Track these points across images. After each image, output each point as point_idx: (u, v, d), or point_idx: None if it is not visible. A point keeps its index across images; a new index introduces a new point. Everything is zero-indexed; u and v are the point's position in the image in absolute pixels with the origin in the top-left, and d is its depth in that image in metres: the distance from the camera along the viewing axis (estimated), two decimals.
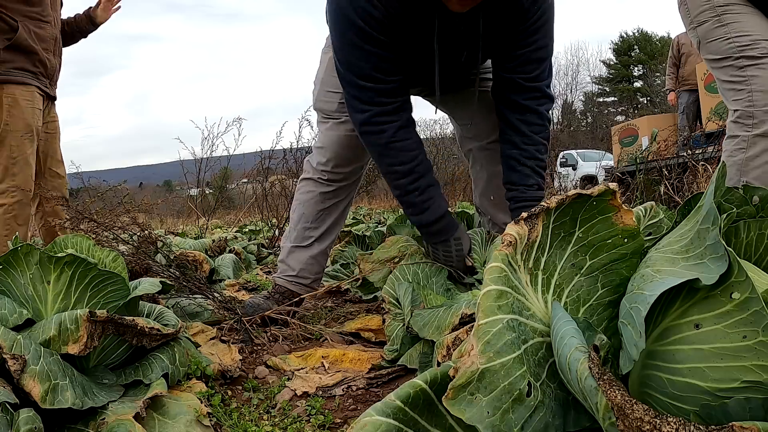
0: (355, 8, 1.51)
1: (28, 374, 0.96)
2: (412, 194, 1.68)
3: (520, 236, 0.70)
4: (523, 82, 1.70)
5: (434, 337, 1.27)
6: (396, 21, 1.53)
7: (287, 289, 2.02)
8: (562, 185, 8.72)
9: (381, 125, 1.62)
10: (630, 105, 35.02)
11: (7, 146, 2.31)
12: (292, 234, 2.07)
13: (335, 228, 2.08)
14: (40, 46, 2.40)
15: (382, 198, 12.81)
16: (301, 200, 2.05)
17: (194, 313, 1.91)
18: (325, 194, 2.01)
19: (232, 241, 4.51)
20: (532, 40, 1.65)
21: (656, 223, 1.12)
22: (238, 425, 1.17)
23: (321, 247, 2.05)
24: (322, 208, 2.02)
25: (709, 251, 0.62)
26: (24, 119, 2.34)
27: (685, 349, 0.61)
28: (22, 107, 2.33)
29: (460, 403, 0.60)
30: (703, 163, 3.74)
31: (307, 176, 2.06)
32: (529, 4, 1.59)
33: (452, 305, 1.31)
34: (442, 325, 1.26)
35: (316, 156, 2.03)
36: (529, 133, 1.72)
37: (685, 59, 6.81)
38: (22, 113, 2.33)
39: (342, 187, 2.02)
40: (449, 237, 1.73)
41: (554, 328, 0.66)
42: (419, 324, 1.33)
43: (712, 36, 1.86)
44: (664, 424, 0.50)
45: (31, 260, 1.20)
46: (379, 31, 1.53)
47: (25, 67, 2.36)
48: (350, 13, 1.52)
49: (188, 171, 8.70)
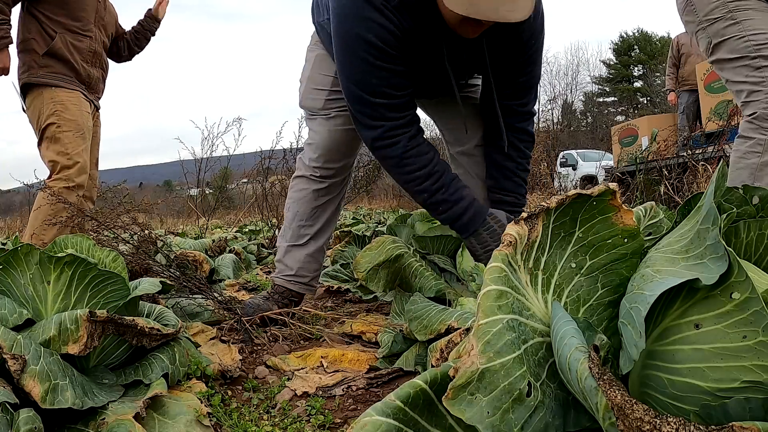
0: (367, 26, 1.53)
1: (28, 374, 0.96)
2: (439, 192, 1.68)
3: (520, 236, 0.70)
4: (518, 108, 1.87)
5: (420, 335, 1.29)
6: (407, 36, 1.57)
7: (286, 288, 2.01)
8: (562, 185, 8.72)
9: (394, 138, 1.65)
10: (630, 105, 35.03)
11: (61, 143, 2.46)
12: (287, 233, 2.06)
13: (330, 225, 2.09)
14: (78, 57, 2.58)
15: (382, 198, 12.81)
16: (295, 198, 2.05)
17: (194, 313, 1.91)
18: (318, 191, 2.01)
19: (232, 241, 4.51)
20: (528, 70, 1.80)
21: (656, 223, 1.12)
22: (238, 425, 1.17)
23: (317, 245, 2.04)
24: (316, 205, 2.02)
25: (709, 251, 0.62)
26: (74, 120, 2.50)
27: (685, 349, 0.61)
28: (70, 109, 2.51)
29: (460, 403, 0.60)
30: (703, 163, 3.74)
31: (299, 174, 2.06)
32: (527, 38, 1.70)
33: (446, 309, 1.31)
34: (429, 325, 1.28)
35: (306, 153, 2.04)
36: (524, 149, 1.91)
37: (685, 59, 6.80)
38: (72, 114, 2.50)
39: (334, 183, 2.03)
40: (485, 217, 1.71)
41: (554, 328, 0.66)
42: (411, 314, 1.36)
43: (724, 35, 1.81)
44: (664, 424, 0.50)
45: (31, 260, 1.20)
46: (391, 46, 1.55)
47: (63, 72, 2.54)
48: (362, 31, 1.53)
49: (188, 171, 8.71)
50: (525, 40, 1.70)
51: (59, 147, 2.45)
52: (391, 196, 11.53)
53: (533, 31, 1.70)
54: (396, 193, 10.40)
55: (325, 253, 2.14)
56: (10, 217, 12.91)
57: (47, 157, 2.48)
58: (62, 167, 2.44)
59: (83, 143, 2.52)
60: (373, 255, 2.02)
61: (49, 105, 2.47)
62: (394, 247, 2.02)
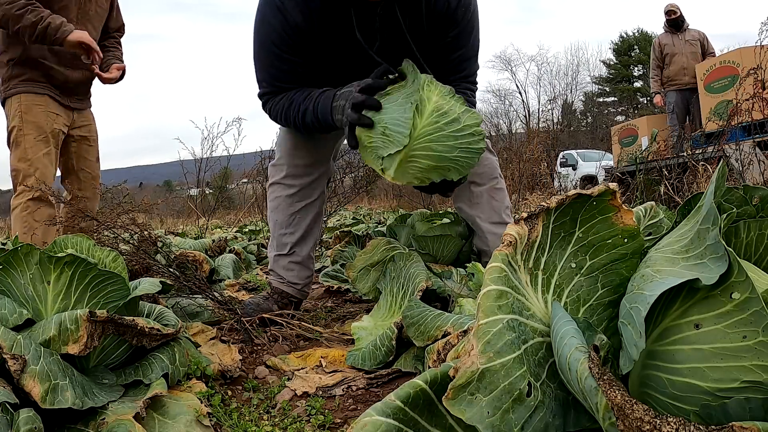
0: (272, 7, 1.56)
1: (28, 374, 0.96)
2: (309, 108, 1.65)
3: (520, 236, 0.70)
4: (460, 81, 1.78)
5: (418, 341, 1.29)
6: (315, 18, 1.57)
7: (282, 290, 2.03)
8: (562, 185, 8.72)
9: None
10: (630, 105, 35.01)
11: (21, 148, 2.45)
12: (273, 242, 2.08)
13: (312, 232, 2.05)
14: (55, 60, 2.53)
15: (382, 198, 12.81)
16: (272, 207, 2.06)
17: (194, 313, 1.91)
18: (291, 196, 2.00)
19: (232, 241, 4.51)
20: (463, 43, 1.73)
21: (656, 223, 1.12)
22: (238, 425, 1.17)
23: (302, 254, 2.03)
24: (292, 211, 2.00)
25: (709, 251, 0.62)
26: (36, 123, 2.48)
27: (685, 349, 0.61)
28: (34, 112, 2.48)
29: (460, 403, 0.60)
30: (703, 163, 3.74)
31: (271, 181, 2.07)
32: (455, 5, 1.63)
33: (442, 314, 1.31)
34: (426, 331, 1.28)
35: (275, 155, 2.08)
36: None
37: (670, 59, 6.74)
38: (35, 117, 2.48)
39: (306, 186, 2.00)
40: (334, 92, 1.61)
41: (554, 328, 0.66)
42: (408, 320, 1.36)
43: None
44: (664, 424, 0.50)
45: (31, 260, 1.20)
46: (295, 34, 1.58)
47: (33, 78, 2.50)
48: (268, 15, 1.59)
49: (188, 171, 8.71)
50: (453, 7, 1.63)
51: (20, 152, 2.44)
52: (391, 196, 11.52)
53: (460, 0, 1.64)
54: (396, 193, 10.40)
55: (314, 257, 2.13)
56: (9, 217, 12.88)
57: (11, 164, 2.48)
58: (24, 176, 2.43)
59: (45, 147, 2.48)
60: (367, 257, 2.03)
61: (15, 110, 2.46)
62: (389, 248, 2.02)
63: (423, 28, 1.65)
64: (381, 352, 1.44)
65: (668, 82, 6.82)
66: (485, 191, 2.07)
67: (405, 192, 9.14)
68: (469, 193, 2.08)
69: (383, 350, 1.44)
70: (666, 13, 6.79)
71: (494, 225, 2.08)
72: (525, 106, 32.54)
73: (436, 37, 1.68)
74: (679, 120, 6.77)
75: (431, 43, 1.69)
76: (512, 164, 7.46)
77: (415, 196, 7.52)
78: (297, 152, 1.97)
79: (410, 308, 1.40)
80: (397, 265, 1.84)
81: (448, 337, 1.05)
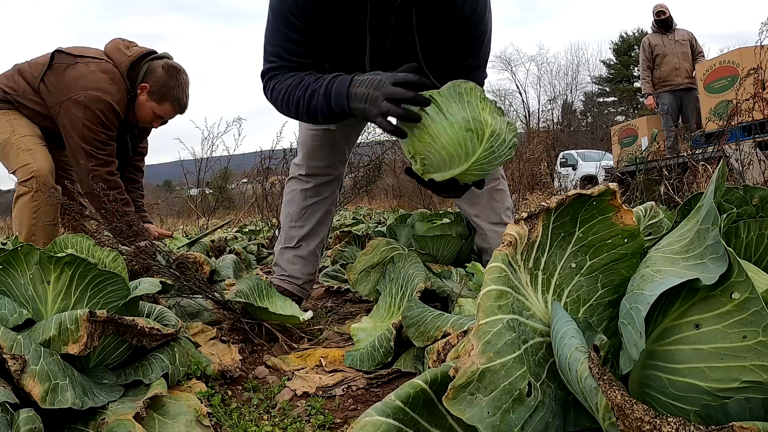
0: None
1: (28, 374, 0.96)
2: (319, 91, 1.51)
3: (520, 236, 0.70)
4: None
5: (418, 342, 1.29)
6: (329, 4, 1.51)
7: (284, 288, 2.04)
8: (562, 185, 8.73)
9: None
10: (630, 105, 34.99)
11: (14, 145, 2.50)
12: (282, 236, 2.15)
13: (320, 229, 2.12)
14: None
15: (382, 198, 12.81)
16: (286, 200, 2.15)
17: (194, 313, 1.91)
18: (305, 191, 2.08)
19: (232, 242, 4.51)
20: (474, 52, 1.70)
21: (656, 223, 1.12)
22: (238, 425, 1.16)
23: (308, 248, 2.09)
24: (305, 205, 2.08)
25: (709, 251, 0.62)
26: (28, 126, 2.54)
27: (685, 349, 0.61)
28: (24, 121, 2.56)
29: (460, 403, 0.60)
30: (703, 163, 3.74)
31: (290, 176, 2.16)
32: (468, 12, 1.59)
33: (442, 315, 1.31)
34: (426, 332, 1.28)
35: (297, 155, 2.16)
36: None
37: (661, 59, 6.68)
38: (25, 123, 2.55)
39: (321, 184, 2.08)
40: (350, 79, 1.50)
41: (554, 328, 0.66)
42: (408, 321, 1.37)
43: None
44: (664, 424, 0.50)
45: (31, 260, 1.20)
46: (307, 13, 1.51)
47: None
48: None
49: (188, 171, 8.72)
50: (467, 15, 1.59)
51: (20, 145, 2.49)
52: (391, 196, 11.52)
53: (475, 7, 1.59)
54: (396, 193, 10.40)
55: (319, 257, 2.18)
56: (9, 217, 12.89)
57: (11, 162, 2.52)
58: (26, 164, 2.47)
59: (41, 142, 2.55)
60: (367, 259, 2.04)
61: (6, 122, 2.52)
62: (389, 249, 2.03)
63: (436, 31, 1.63)
64: (379, 353, 1.45)
65: (660, 83, 6.76)
66: (486, 191, 2.08)
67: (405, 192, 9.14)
68: (469, 193, 2.08)
69: (381, 351, 1.44)
70: (656, 14, 6.72)
71: (494, 225, 2.10)
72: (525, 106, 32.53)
73: (448, 42, 1.66)
74: (674, 120, 6.75)
75: (442, 47, 1.67)
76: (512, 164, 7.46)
77: (415, 196, 7.53)
78: (317, 154, 2.05)
79: (410, 309, 1.40)
80: (396, 266, 1.84)
81: (448, 338, 1.05)
